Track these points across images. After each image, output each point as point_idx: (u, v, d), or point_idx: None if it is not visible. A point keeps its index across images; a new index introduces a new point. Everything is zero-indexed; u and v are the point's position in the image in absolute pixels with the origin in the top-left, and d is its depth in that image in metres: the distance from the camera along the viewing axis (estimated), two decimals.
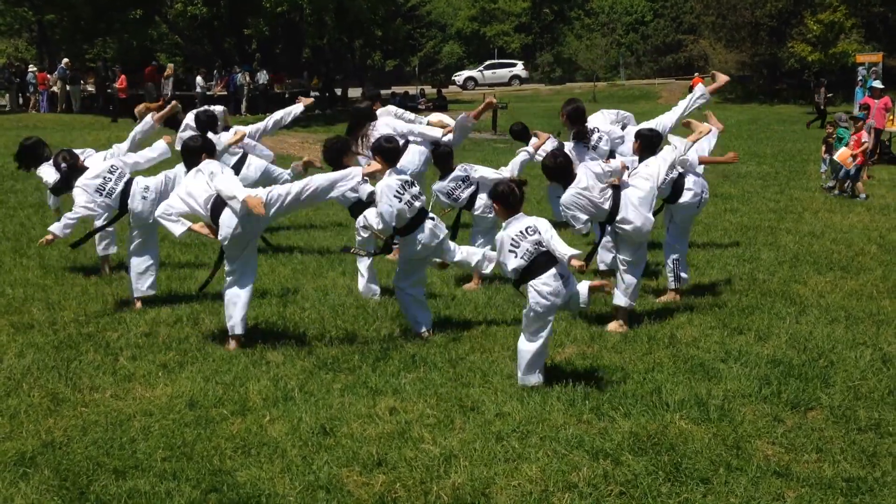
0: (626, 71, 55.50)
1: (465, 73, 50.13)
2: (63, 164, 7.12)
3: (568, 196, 6.03)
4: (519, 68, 49.72)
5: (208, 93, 29.90)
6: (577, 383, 5.16)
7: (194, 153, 6.05)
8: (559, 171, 6.10)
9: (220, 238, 5.70)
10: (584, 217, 6.06)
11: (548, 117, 31.35)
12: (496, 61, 51.63)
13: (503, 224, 5.25)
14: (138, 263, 6.90)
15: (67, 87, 28.22)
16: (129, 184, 6.93)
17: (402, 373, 5.40)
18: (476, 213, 7.63)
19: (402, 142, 7.74)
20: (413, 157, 8.46)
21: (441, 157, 7.67)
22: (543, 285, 5.02)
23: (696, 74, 40.23)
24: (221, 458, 4.24)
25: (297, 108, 9.20)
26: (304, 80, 35.43)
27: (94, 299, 6.97)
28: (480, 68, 50.34)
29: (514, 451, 4.32)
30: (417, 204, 6.05)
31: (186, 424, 4.61)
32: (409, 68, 53.10)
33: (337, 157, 6.69)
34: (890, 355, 5.74)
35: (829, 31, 35.10)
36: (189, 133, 8.65)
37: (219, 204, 5.64)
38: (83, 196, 6.81)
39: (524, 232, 5.08)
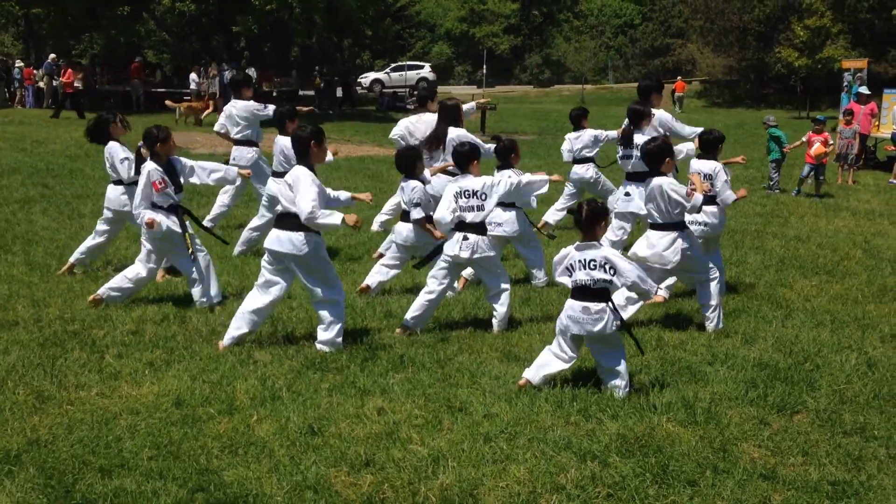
0: (615, 74, 55.69)
1: (372, 76, 48.08)
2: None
3: None
4: (426, 70, 48.07)
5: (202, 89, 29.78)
6: (564, 385, 5.18)
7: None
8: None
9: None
10: None
11: (536, 119, 31.45)
12: (404, 63, 49.66)
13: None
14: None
15: (54, 83, 28.01)
16: None
17: (390, 373, 5.39)
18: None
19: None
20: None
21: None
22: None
23: (678, 78, 40.53)
24: (208, 458, 4.22)
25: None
26: (293, 80, 35.35)
27: (79, 296, 6.92)
28: (387, 70, 48.53)
29: (502, 453, 4.32)
30: (469, 216, 6.20)
31: (173, 423, 4.58)
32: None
33: (410, 164, 6.92)
34: (875, 359, 5.79)
35: (816, 36, 35.39)
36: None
37: None
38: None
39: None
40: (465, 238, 6.15)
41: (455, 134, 7.96)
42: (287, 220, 5.68)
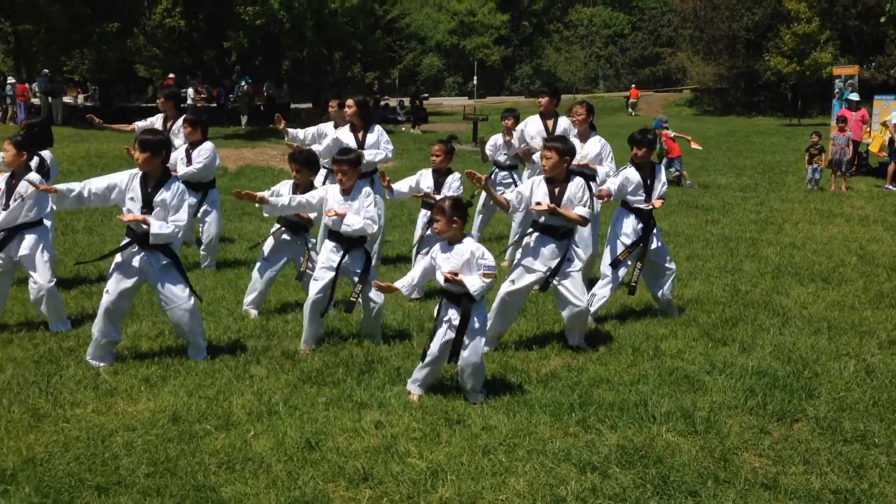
0: (606, 83, 55.95)
1: None
2: None
3: None
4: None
5: (198, 105, 29.76)
6: (562, 396, 5.16)
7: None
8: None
9: None
10: None
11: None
12: None
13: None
14: None
15: (49, 99, 27.97)
16: None
17: (387, 386, 5.36)
18: None
19: None
20: None
21: None
22: None
23: (632, 86, 41.75)
24: (205, 474, 4.18)
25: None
26: (284, 92, 35.33)
27: (73, 312, 6.88)
28: None
29: (501, 465, 4.29)
30: None
31: (170, 439, 4.54)
32: (389, 80, 53.16)
33: None
34: (873, 366, 5.78)
35: (804, 43, 35.59)
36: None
37: None
38: None
39: None
40: None
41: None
42: None
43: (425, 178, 7.45)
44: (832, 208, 13.24)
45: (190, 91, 30.30)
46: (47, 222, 6.77)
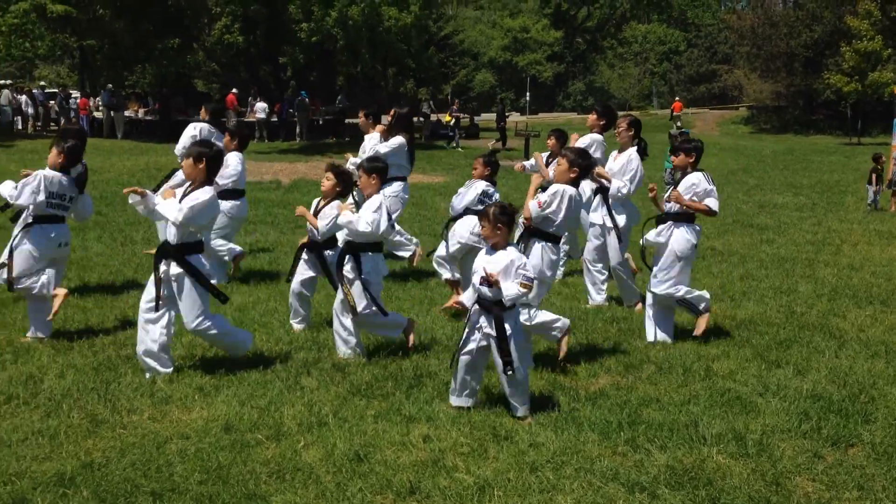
0: (659, 100, 55.50)
1: None
2: None
3: None
4: None
5: (273, 120, 30.35)
6: (611, 414, 5.13)
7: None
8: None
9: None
10: None
11: None
12: None
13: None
14: None
15: (111, 113, 28.79)
16: None
17: (435, 400, 5.39)
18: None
19: None
20: None
21: None
22: None
23: (676, 99, 41.52)
24: (256, 483, 4.26)
25: None
26: (338, 107, 35.80)
27: (132, 322, 7.05)
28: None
29: (548, 482, 4.29)
30: None
31: (222, 448, 4.64)
32: (442, 96, 53.48)
33: None
34: None
35: (866, 61, 34.86)
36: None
37: None
38: None
39: None
40: None
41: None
42: None
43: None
44: (892, 229, 12.93)
45: (260, 105, 30.90)
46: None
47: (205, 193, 5.67)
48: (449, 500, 4.11)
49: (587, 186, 7.68)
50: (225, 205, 7.98)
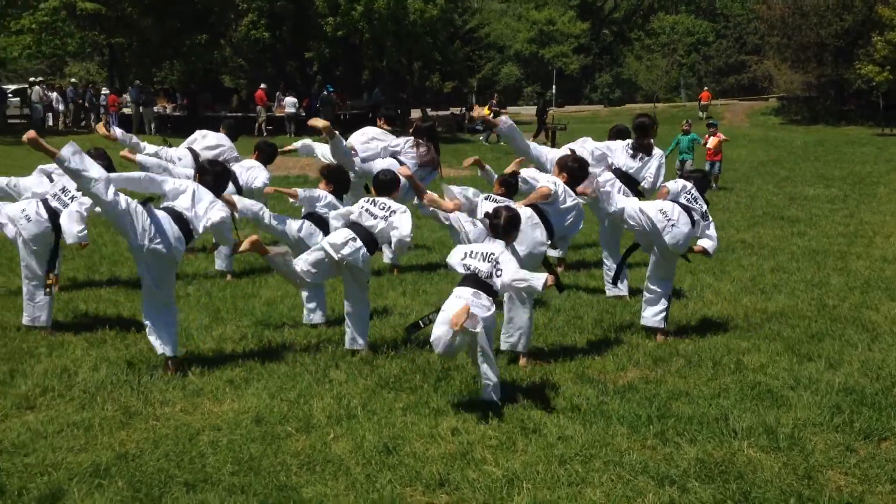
0: (687, 92, 54.98)
1: None
2: None
3: None
4: None
5: (302, 115, 30.42)
6: (640, 408, 5.11)
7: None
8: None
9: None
10: None
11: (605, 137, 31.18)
12: None
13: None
14: None
15: (141, 109, 29.07)
16: None
17: (463, 393, 5.40)
18: None
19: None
20: None
21: None
22: None
23: (704, 89, 41.30)
24: (287, 474, 4.30)
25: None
26: (365, 102, 35.87)
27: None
28: None
29: (577, 475, 4.28)
30: None
31: (253, 440, 4.69)
32: (468, 90, 53.35)
33: None
34: None
35: None
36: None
37: None
38: None
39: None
40: None
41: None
42: None
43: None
44: None
45: (289, 99, 31.03)
46: None
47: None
48: (478, 492, 4.12)
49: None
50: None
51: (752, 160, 22.77)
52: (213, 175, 6.04)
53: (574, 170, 6.27)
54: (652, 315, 6.70)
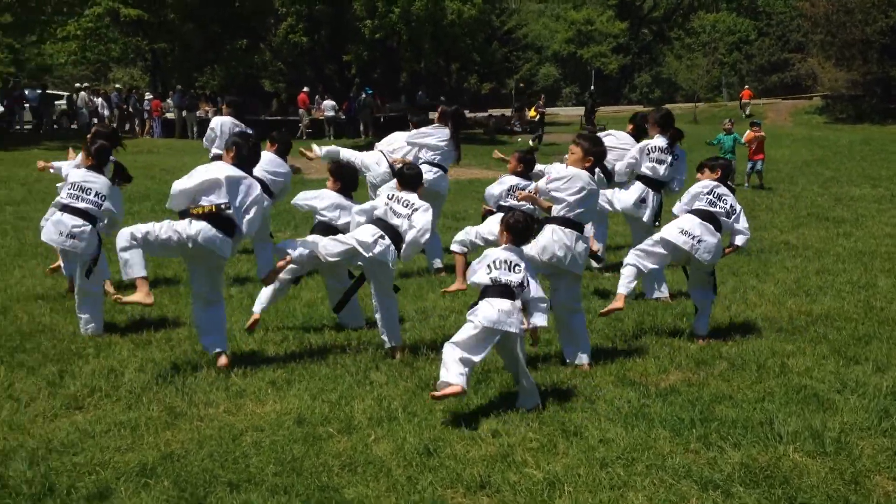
0: (729, 91, 54.25)
1: None
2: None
3: None
4: None
5: (341, 118, 30.67)
6: (683, 411, 5.06)
7: None
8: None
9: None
10: None
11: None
12: None
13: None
14: None
15: (184, 114, 29.53)
16: None
17: (503, 395, 5.40)
18: None
19: None
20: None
21: None
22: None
23: (745, 87, 40.76)
24: (329, 475, 4.33)
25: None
26: (403, 104, 36.04)
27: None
28: None
29: (619, 479, 4.25)
30: None
31: (295, 440, 4.73)
32: (506, 91, 53.29)
33: None
34: None
35: None
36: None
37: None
38: None
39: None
40: None
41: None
42: None
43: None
44: None
45: (328, 103, 31.29)
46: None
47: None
48: (519, 494, 4.11)
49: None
50: None
51: (796, 160, 22.42)
52: (249, 148, 6.05)
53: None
54: (704, 325, 6.71)
